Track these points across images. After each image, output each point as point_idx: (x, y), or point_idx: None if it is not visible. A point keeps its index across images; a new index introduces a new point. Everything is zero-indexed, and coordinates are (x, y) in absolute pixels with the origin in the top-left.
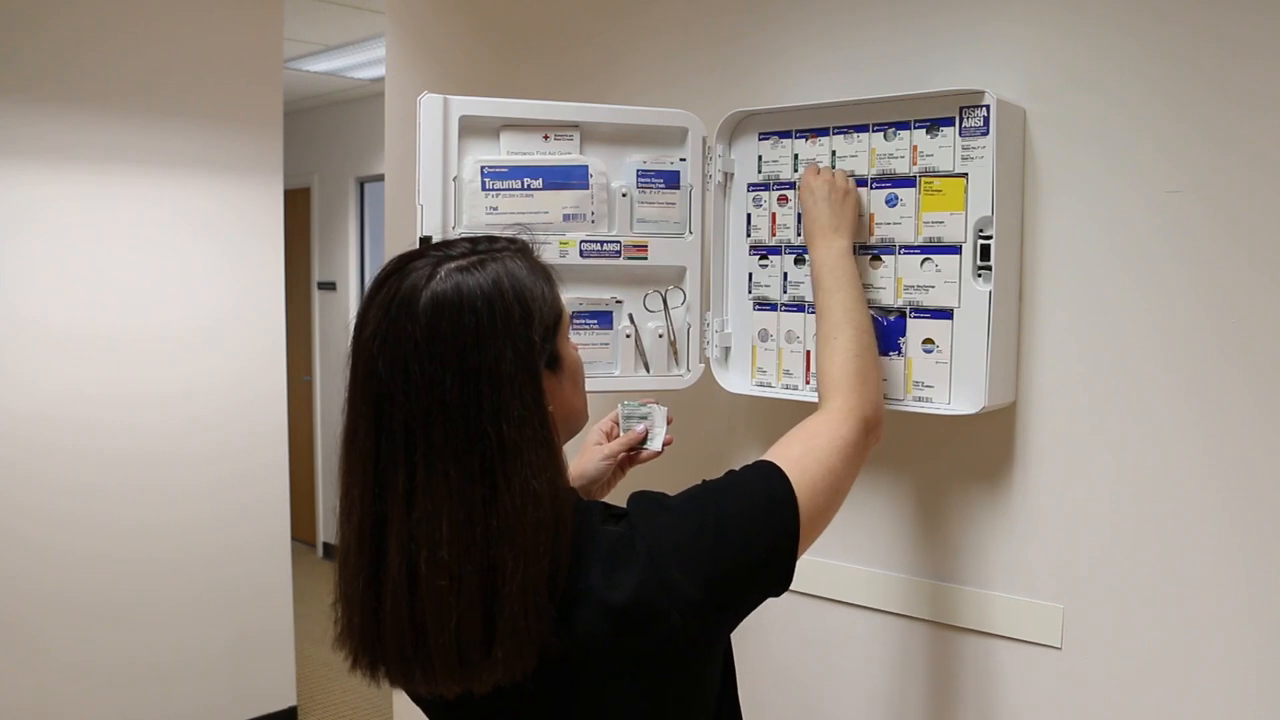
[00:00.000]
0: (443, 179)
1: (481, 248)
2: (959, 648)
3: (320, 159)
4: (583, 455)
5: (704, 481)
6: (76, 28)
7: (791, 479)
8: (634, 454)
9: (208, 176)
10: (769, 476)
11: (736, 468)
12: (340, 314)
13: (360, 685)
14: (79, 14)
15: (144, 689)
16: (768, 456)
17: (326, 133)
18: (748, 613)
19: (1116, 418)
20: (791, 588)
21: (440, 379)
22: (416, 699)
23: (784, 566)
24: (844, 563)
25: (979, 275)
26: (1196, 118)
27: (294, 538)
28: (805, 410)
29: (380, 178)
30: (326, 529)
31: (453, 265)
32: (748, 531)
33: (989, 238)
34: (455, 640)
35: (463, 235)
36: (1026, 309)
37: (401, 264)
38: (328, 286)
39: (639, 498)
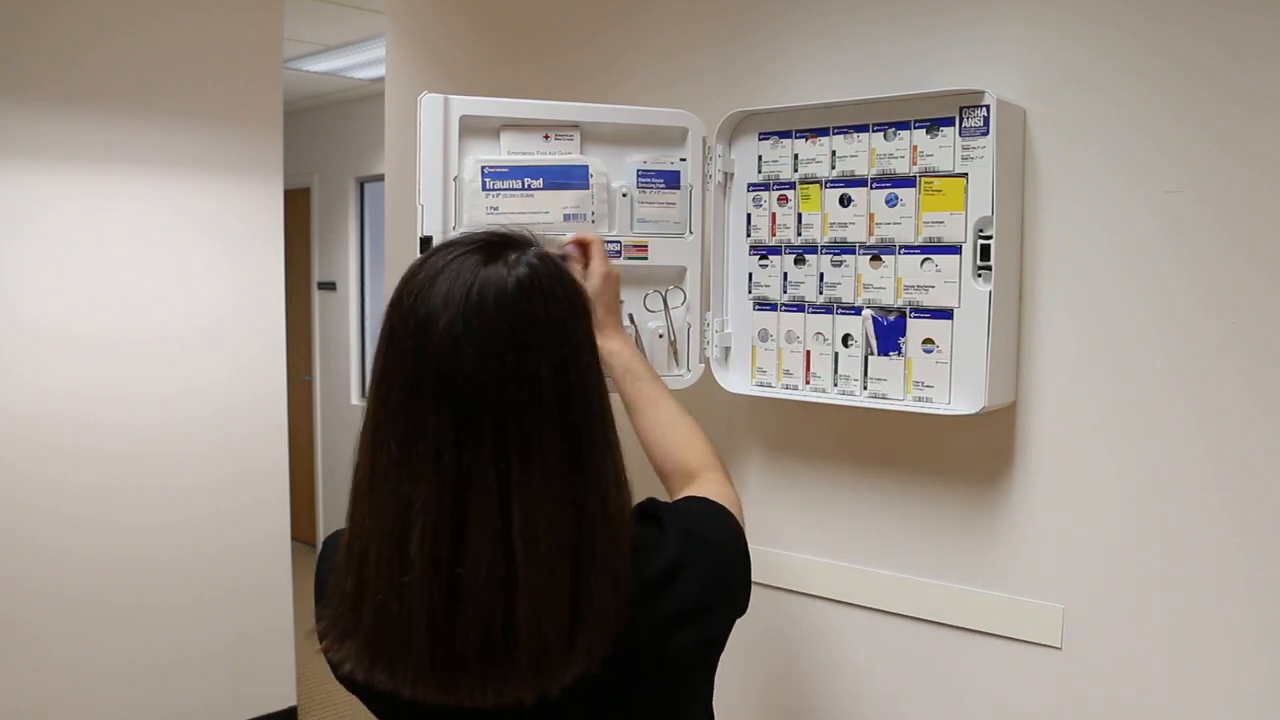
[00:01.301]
0: (443, 179)
1: (512, 244)
2: (959, 648)
3: (320, 159)
4: None
5: (690, 497)
6: (76, 28)
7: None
8: None
9: (208, 176)
10: (735, 510)
11: (695, 493)
12: (340, 314)
13: None
14: (79, 14)
15: (144, 689)
16: (709, 495)
17: (326, 133)
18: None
19: (1117, 418)
20: (791, 588)
21: (535, 370)
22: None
23: (748, 584)
24: (844, 563)
25: (979, 275)
26: (1197, 118)
27: (294, 538)
28: (805, 410)
29: (380, 178)
30: (326, 529)
31: (511, 258)
32: (743, 551)
33: (989, 238)
34: (544, 637)
35: (464, 233)
36: (1026, 309)
37: (455, 257)
38: (328, 286)
39: (665, 505)
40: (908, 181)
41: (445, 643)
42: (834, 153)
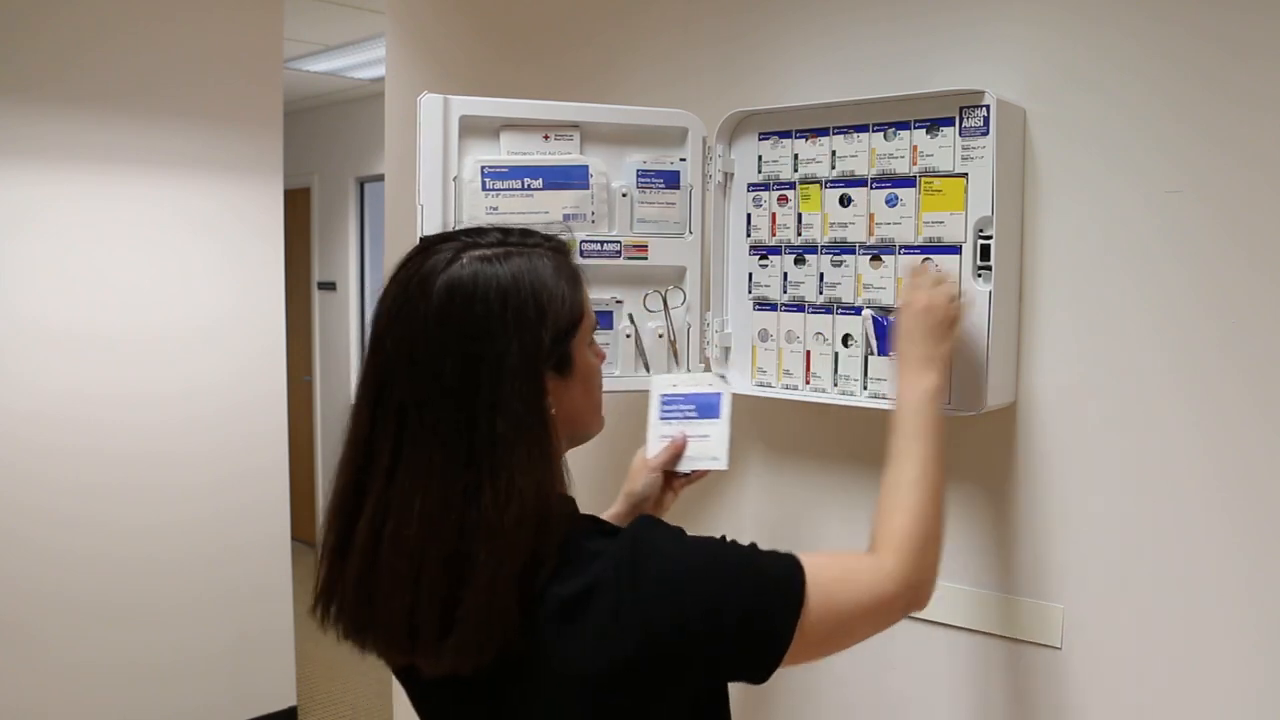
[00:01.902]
0: (443, 179)
1: (513, 240)
2: (959, 648)
3: (320, 159)
4: (633, 469)
5: (724, 537)
6: (76, 28)
7: (809, 592)
8: (689, 475)
9: (208, 176)
10: (791, 571)
11: (828, 558)
12: (340, 314)
13: (360, 685)
14: (79, 14)
15: (144, 689)
16: (801, 556)
17: (326, 133)
18: (703, 680)
19: (1117, 418)
20: None
21: (442, 363)
22: (396, 672)
23: (759, 656)
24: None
25: (979, 275)
26: (1197, 117)
27: (294, 538)
28: (805, 410)
29: (380, 178)
30: None
31: (476, 253)
32: (740, 597)
33: (989, 238)
34: (406, 617)
35: (497, 226)
36: (1026, 309)
37: (428, 245)
38: (328, 286)
39: (642, 522)
40: (908, 181)
41: (328, 585)
42: (834, 153)
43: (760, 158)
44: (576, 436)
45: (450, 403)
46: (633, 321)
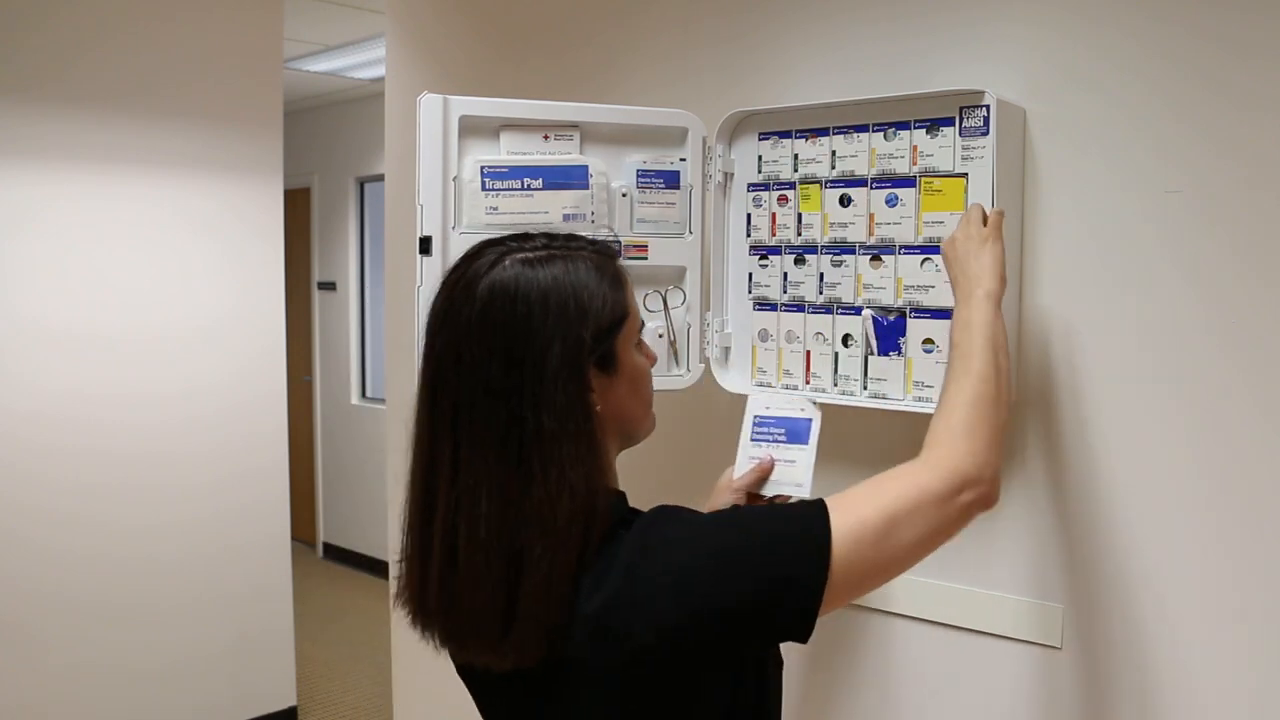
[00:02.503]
0: (443, 179)
1: (558, 244)
2: (959, 648)
3: (320, 159)
4: (718, 486)
5: (735, 506)
6: (76, 28)
7: (834, 522)
8: (771, 500)
9: (208, 176)
10: (809, 516)
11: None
12: (340, 314)
13: (360, 685)
14: (79, 14)
15: (144, 689)
16: (831, 497)
17: (326, 133)
18: (744, 652)
19: (1116, 417)
20: None
21: (487, 363)
22: (456, 666)
23: (791, 615)
24: None
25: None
26: (1197, 118)
27: (294, 538)
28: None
29: (380, 178)
30: (326, 529)
31: (520, 256)
32: (755, 568)
33: None
34: (480, 615)
35: (544, 231)
36: (1026, 309)
37: (476, 251)
38: (328, 286)
39: (659, 511)
40: (908, 181)
41: (418, 594)
42: (834, 153)
43: (760, 158)
44: (627, 436)
45: (497, 401)
46: None
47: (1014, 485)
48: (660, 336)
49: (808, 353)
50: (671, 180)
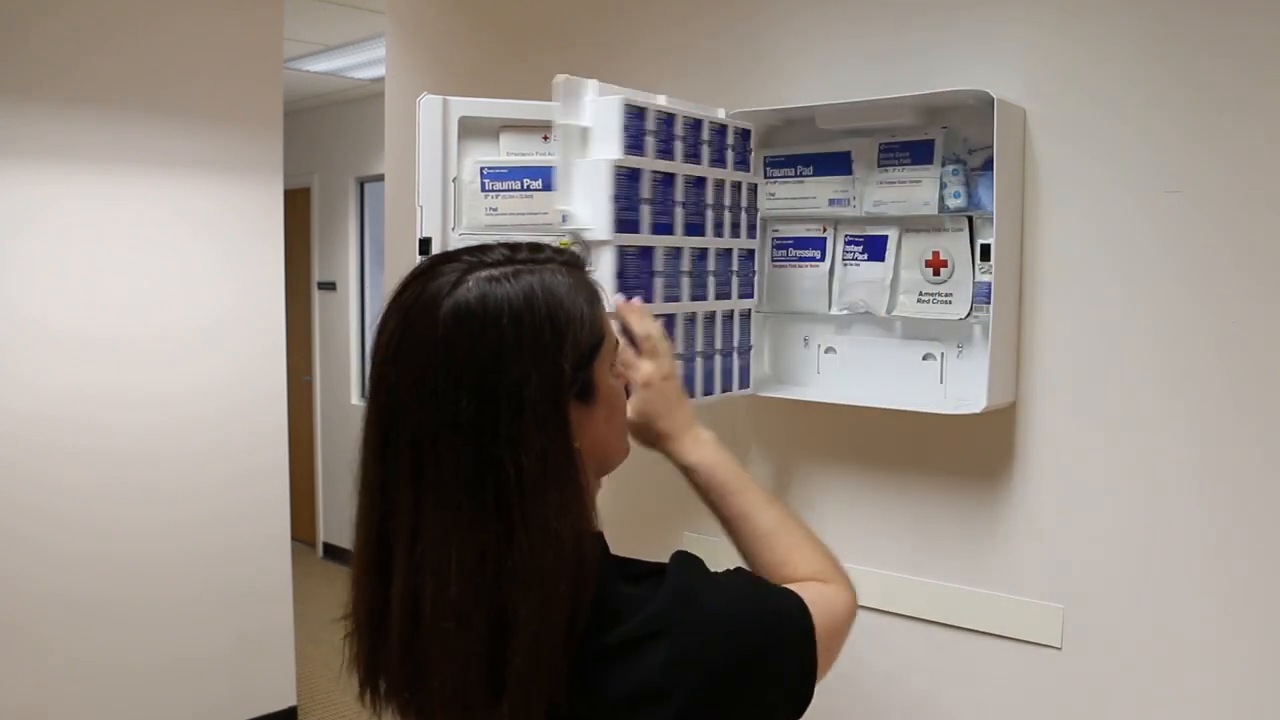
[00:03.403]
0: (442, 179)
1: (522, 256)
2: (959, 648)
3: (320, 159)
4: None
5: (739, 569)
6: (76, 28)
7: (817, 624)
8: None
9: (208, 176)
10: (802, 608)
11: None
12: (340, 314)
13: None
14: (79, 14)
15: (144, 689)
16: (796, 590)
17: (326, 133)
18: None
19: (1116, 417)
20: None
21: (456, 398)
22: None
23: (802, 684)
24: (844, 563)
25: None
26: (1196, 119)
27: (294, 538)
28: (804, 409)
29: (380, 178)
30: (326, 529)
31: (483, 274)
32: (779, 632)
33: (989, 238)
34: (458, 686)
35: (502, 241)
36: (1026, 309)
37: (431, 265)
38: (328, 286)
39: (683, 560)
40: None
41: (372, 665)
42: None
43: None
44: (602, 468)
45: (467, 442)
46: None
47: (1014, 485)
48: None
49: None
50: None
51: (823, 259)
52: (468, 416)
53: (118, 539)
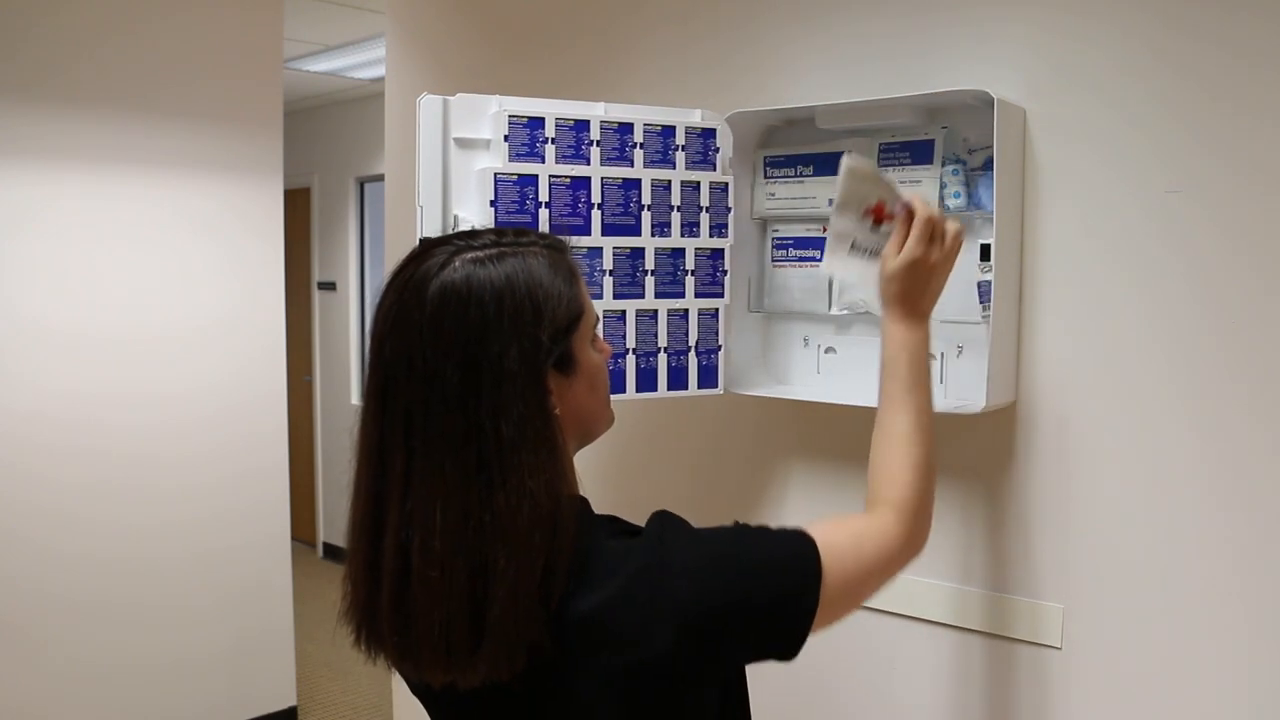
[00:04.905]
0: (443, 179)
1: (506, 240)
2: (959, 648)
3: (320, 159)
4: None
5: (736, 522)
6: (76, 28)
7: (824, 562)
8: None
9: (208, 176)
10: (804, 548)
11: (827, 523)
12: (340, 314)
13: (360, 685)
14: (79, 14)
15: (144, 689)
16: (809, 530)
17: (326, 133)
18: (738, 662)
19: (1116, 417)
20: None
21: (442, 369)
22: (411, 685)
23: (789, 631)
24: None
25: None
26: (1196, 119)
27: (294, 538)
28: (804, 409)
29: (380, 178)
30: (326, 529)
31: (469, 256)
32: (764, 579)
33: (989, 238)
34: (443, 631)
35: (492, 227)
36: (1026, 309)
37: (421, 250)
38: (328, 286)
39: (661, 517)
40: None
41: (367, 613)
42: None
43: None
44: (585, 435)
45: (453, 409)
46: None
47: (1014, 485)
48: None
49: None
50: None
51: (822, 259)
52: (453, 386)
53: (118, 539)
